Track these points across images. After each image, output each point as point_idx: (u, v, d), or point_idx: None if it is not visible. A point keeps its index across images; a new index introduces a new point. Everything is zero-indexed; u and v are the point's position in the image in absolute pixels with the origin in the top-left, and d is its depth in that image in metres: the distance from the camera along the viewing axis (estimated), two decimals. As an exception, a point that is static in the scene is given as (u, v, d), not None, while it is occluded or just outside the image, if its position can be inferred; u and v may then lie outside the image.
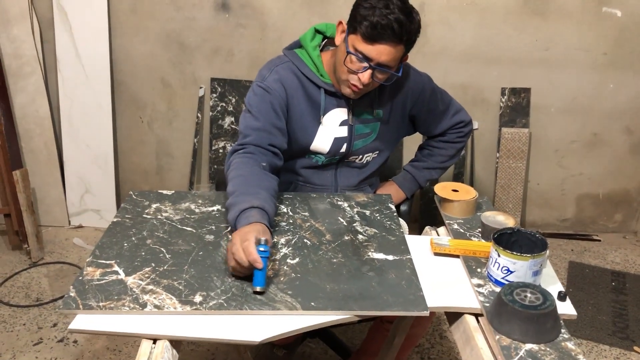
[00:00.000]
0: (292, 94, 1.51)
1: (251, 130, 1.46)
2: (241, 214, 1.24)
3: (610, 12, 2.54)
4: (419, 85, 1.61)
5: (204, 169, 2.86)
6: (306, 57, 1.53)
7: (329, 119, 1.55)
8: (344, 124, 1.57)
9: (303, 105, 1.53)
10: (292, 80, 1.51)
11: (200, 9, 2.56)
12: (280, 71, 1.51)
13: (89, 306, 1.07)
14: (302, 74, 1.51)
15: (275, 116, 1.48)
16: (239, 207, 1.25)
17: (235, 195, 1.29)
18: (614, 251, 2.82)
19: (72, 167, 2.76)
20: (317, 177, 1.63)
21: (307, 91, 1.52)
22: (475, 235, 1.38)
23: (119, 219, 1.39)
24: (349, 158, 1.63)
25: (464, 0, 2.52)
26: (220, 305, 1.08)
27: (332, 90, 1.52)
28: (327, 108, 1.54)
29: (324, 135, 1.56)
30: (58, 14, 2.55)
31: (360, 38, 1.36)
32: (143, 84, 2.72)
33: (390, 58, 1.37)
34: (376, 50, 1.35)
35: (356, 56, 1.38)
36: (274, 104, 1.48)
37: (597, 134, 2.79)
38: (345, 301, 1.11)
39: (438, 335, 2.17)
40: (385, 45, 1.35)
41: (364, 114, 1.58)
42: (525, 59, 2.63)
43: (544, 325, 1.00)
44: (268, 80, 1.50)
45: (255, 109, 1.48)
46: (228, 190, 1.34)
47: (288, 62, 1.53)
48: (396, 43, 1.35)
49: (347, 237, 1.35)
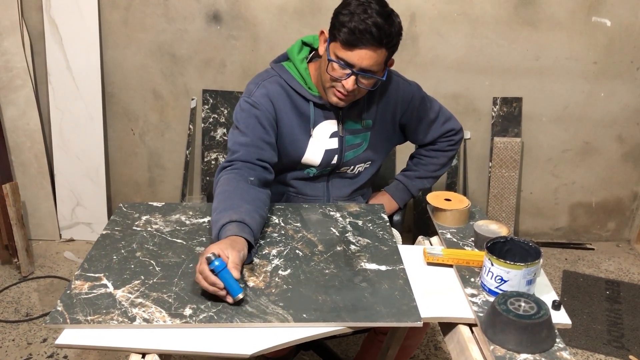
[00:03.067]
0: (280, 108, 1.50)
1: (239, 146, 1.46)
2: (221, 230, 1.22)
3: (600, 21, 2.55)
4: (408, 94, 1.61)
5: (196, 181, 2.84)
6: (294, 71, 1.52)
7: (319, 132, 1.55)
8: (334, 136, 1.56)
9: (292, 119, 1.52)
10: (279, 94, 1.50)
11: (192, 21, 2.56)
12: (268, 85, 1.50)
13: (77, 320, 1.05)
14: (290, 87, 1.51)
15: (263, 131, 1.47)
16: (219, 224, 1.24)
17: (218, 212, 1.28)
18: (608, 260, 2.81)
19: (63, 179, 2.74)
20: (309, 188, 1.62)
21: (295, 104, 1.52)
22: (469, 244, 1.37)
23: (108, 232, 1.38)
24: (340, 169, 1.62)
25: (454, 10, 2.53)
26: (210, 318, 1.07)
27: (321, 102, 1.52)
28: (316, 121, 1.54)
29: (315, 148, 1.55)
30: (48, 26, 2.54)
31: (340, 45, 1.36)
32: (134, 96, 2.71)
33: (372, 62, 1.36)
34: (357, 55, 1.35)
35: (338, 63, 1.38)
36: (261, 119, 1.47)
37: (589, 143, 2.80)
38: (337, 312, 1.09)
39: (433, 346, 2.15)
40: (365, 50, 1.34)
41: (354, 125, 1.57)
42: (517, 69, 2.64)
43: (538, 334, 0.99)
44: (255, 95, 1.49)
45: (243, 124, 1.47)
46: (213, 207, 1.32)
47: (275, 76, 1.52)
48: (376, 47, 1.34)
49: (340, 247, 1.33)
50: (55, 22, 2.53)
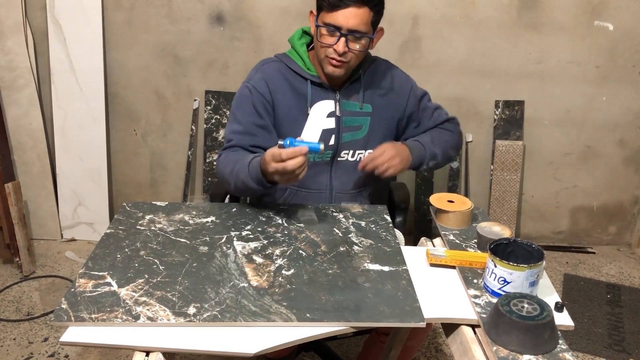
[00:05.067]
0: (276, 89, 1.57)
1: (234, 134, 1.57)
2: (250, 169, 1.41)
3: (602, 25, 2.56)
4: (407, 84, 1.70)
5: (197, 182, 2.85)
6: (293, 54, 1.60)
7: (316, 111, 1.59)
8: (331, 116, 1.60)
9: (289, 99, 1.58)
10: (277, 76, 1.58)
11: (195, 22, 2.56)
12: (266, 69, 1.59)
13: (81, 318, 1.05)
14: (290, 68, 1.58)
15: (257, 116, 1.56)
16: (245, 173, 1.43)
17: (236, 172, 1.46)
18: (609, 264, 2.82)
19: (65, 179, 2.74)
20: (312, 181, 1.63)
21: (293, 85, 1.58)
22: (471, 246, 1.37)
23: (112, 231, 1.38)
24: (340, 154, 1.63)
25: (457, 13, 2.54)
26: (214, 317, 1.07)
27: (319, 81, 1.58)
28: (313, 99, 1.59)
29: (312, 127, 1.60)
30: (52, 27, 2.55)
31: (325, 11, 1.44)
32: (137, 97, 2.71)
33: (358, 21, 1.43)
34: (342, 16, 1.42)
35: (326, 28, 1.45)
36: (255, 104, 1.56)
37: (591, 147, 2.81)
38: (340, 312, 1.10)
39: (434, 348, 2.15)
40: (349, 9, 1.41)
41: (351, 106, 1.62)
42: (519, 72, 2.65)
43: (541, 336, 0.99)
44: (254, 79, 1.59)
45: (238, 112, 1.58)
46: (229, 176, 1.50)
47: (276, 61, 1.61)
48: (359, 5, 1.41)
49: (343, 248, 1.34)
50: (59, 22, 2.54)
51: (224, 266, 1.24)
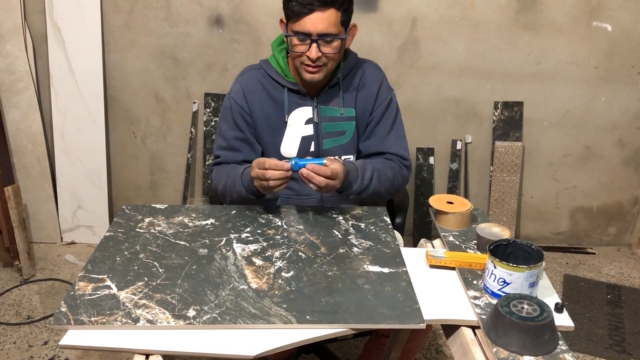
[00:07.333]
0: (253, 99, 1.57)
1: (220, 150, 1.62)
2: (243, 179, 1.46)
3: (601, 26, 2.56)
4: (383, 84, 1.63)
5: (197, 184, 2.84)
6: (273, 60, 1.59)
7: (294, 118, 1.59)
8: (309, 122, 1.59)
9: (267, 108, 1.58)
10: (255, 85, 1.58)
11: (194, 25, 2.57)
12: (245, 79, 1.60)
13: (81, 321, 1.05)
14: (268, 75, 1.57)
15: (238, 130, 1.59)
16: (238, 184, 1.47)
17: (230, 185, 1.51)
18: (609, 264, 2.81)
19: (64, 182, 2.74)
20: (300, 186, 1.62)
21: (270, 94, 1.58)
22: (471, 247, 1.37)
23: (111, 234, 1.38)
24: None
25: (456, 15, 2.54)
26: (214, 320, 1.07)
27: (295, 88, 1.57)
28: (290, 107, 1.58)
29: (291, 136, 1.60)
30: (51, 30, 2.55)
31: (292, 21, 1.43)
32: (136, 99, 2.71)
33: (326, 24, 1.41)
34: (309, 22, 1.40)
35: (296, 37, 1.44)
36: (235, 117, 1.58)
37: (590, 147, 2.81)
38: (340, 314, 1.10)
39: (434, 350, 2.15)
40: (315, 14, 1.40)
41: (331, 112, 1.60)
42: (518, 73, 2.65)
43: (541, 337, 0.99)
44: (233, 90, 1.60)
45: (223, 125, 1.61)
46: (223, 190, 1.55)
47: (255, 69, 1.61)
48: (324, 8, 1.39)
49: (342, 250, 1.34)
50: (58, 25, 2.54)
51: (224, 268, 1.24)
